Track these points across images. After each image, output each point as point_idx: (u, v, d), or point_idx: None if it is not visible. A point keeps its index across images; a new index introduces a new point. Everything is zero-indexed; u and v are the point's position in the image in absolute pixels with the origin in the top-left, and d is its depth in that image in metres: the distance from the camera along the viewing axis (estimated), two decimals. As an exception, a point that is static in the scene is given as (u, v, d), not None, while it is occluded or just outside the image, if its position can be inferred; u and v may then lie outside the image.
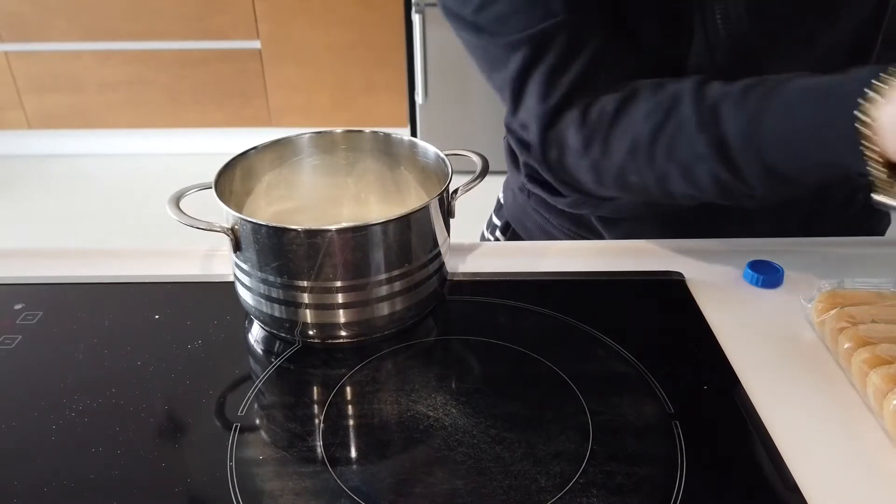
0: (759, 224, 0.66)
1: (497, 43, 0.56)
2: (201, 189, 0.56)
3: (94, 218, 2.37)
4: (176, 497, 0.40)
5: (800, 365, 0.50)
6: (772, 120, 0.46)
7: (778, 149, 0.46)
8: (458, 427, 0.45)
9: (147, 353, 0.52)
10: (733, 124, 0.48)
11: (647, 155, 0.53)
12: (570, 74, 0.55)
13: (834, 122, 0.43)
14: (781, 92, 0.47)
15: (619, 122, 0.54)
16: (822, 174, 0.47)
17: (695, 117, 0.50)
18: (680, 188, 0.53)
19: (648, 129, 0.52)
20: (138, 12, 2.46)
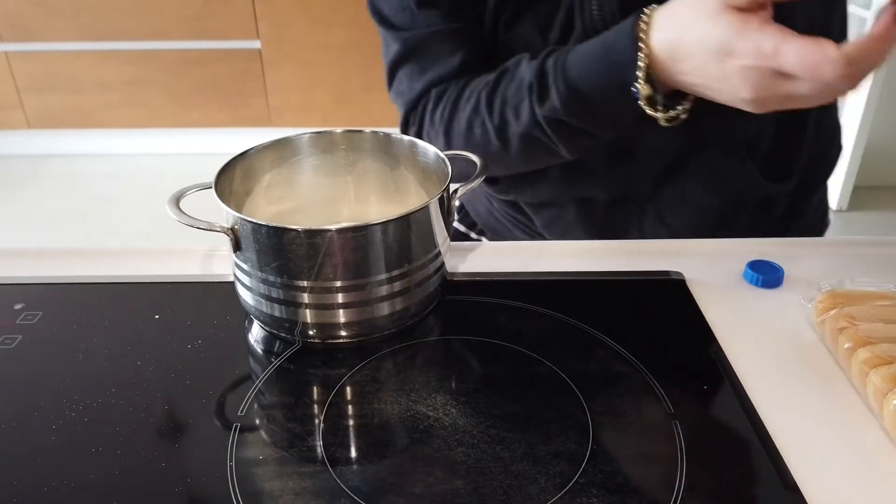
0: (671, 219, 0.69)
1: (385, 29, 0.67)
2: (201, 189, 0.56)
3: (95, 218, 2.37)
4: (176, 497, 0.40)
5: (800, 365, 0.50)
6: (576, 51, 0.57)
7: (579, 68, 0.56)
8: (458, 427, 0.45)
9: (147, 353, 0.52)
10: (553, 59, 0.59)
11: (487, 104, 0.62)
12: (431, 75, 0.66)
13: (616, 45, 0.54)
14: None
15: (467, 86, 0.65)
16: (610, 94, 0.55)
17: (528, 63, 0.60)
18: (514, 131, 0.62)
19: (492, 80, 0.63)
20: (138, 12, 2.46)
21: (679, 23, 0.51)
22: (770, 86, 0.47)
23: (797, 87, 0.46)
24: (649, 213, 0.70)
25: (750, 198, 0.69)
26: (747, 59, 0.47)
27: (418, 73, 0.67)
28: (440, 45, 0.65)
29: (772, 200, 0.70)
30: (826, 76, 0.43)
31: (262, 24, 2.48)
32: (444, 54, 0.65)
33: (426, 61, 0.66)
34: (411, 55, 0.67)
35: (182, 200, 0.52)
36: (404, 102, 0.69)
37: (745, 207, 0.70)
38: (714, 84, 0.50)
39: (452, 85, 0.66)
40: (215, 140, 2.74)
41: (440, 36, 0.65)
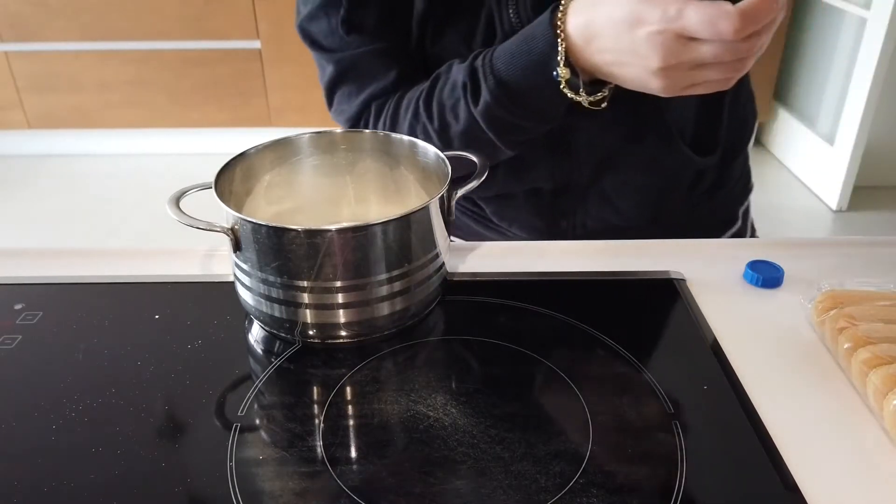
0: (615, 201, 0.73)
1: (317, 52, 0.70)
2: (201, 189, 0.56)
3: (95, 218, 2.37)
4: (176, 497, 0.40)
5: (800, 365, 0.50)
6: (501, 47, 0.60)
7: (505, 62, 0.59)
8: (458, 427, 0.45)
9: (147, 353, 0.52)
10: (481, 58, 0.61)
11: (426, 109, 0.65)
12: (369, 92, 0.69)
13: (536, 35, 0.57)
14: None
15: (404, 97, 0.68)
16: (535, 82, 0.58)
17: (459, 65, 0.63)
18: (455, 131, 0.64)
19: (427, 87, 0.66)
20: (138, 12, 2.46)
21: (591, 6, 0.54)
22: (676, 51, 0.50)
23: (701, 51, 0.49)
24: (594, 197, 0.73)
25: (684, 173, 0.73)
26: (654, 25, 0.49)
27: (356, 90, 0.70)
28: (373, 63, 0.68)
29: (702, 172, 0.75)
30: (724, 31, 0.47)
31: (262, 24, 2.48)
32: (379, 71, 0.69)
33: (363, 79, 0.69)
34: (347, 75, 0.70)
35: (182, 200, 0.52)
36: (346, 120, 0.72)
37: (680, 182, 0.74)
38: (625, 57, 0.53)
39: (391, 98, 0.69)
40: (215, 140, 2.74)
41: (372, 55, 0.68)
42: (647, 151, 0.70)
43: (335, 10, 0.66)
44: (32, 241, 2.24)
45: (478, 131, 0.63)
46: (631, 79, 0.54)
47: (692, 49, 0.49)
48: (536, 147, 0.69)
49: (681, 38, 0.49)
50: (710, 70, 0.51)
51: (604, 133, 0.69)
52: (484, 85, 0.60)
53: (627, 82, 0.55)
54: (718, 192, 0.77)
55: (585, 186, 0.72)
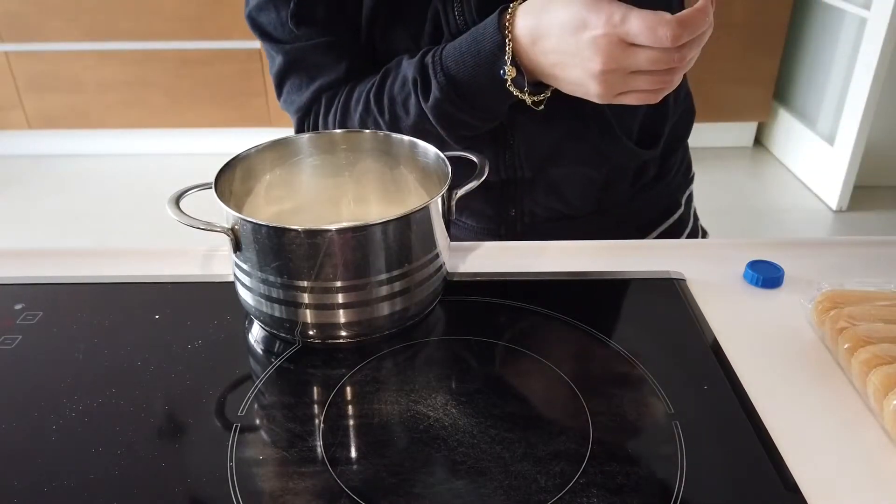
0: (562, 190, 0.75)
1: (266, 42, 0.71)
2: (201, 189, 0.56)
3: (94, 218, 2.37)
4: (176, 497, 0.40)
5: (800, 365, 0.50)
6: (451, 45, 0.62)
7: (454, 59, 0.61)
8: (458, 427, 0.45)
9: (147, 353, 0.52)
10: (431, 54, 0.63)
11: (377, 102, 0.67)
12: (319, 84, 0.70)
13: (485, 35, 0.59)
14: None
15: (355, 89, 0.69)
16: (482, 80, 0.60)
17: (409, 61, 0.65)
18: (405, 124, 0.66)
19: (377, 80, 0.67)
20: (138, 12, 2.46)
21: (539, 9, 0.56)
22: (617, 55, 0.52)
23: (639, 57, 0.52)
24: (540, 188, 0.74)
25: (628, 165, 0.76)
26: (598, 29, 0.52)
27: (307, 81, 0.71)
28: (323, 56, 0.69)
29: (646, 164, 0.77)
30: (663, 37, 0.50)
31: (262, 24, 2.48)
32: (329, 63, 0.70)
33: (312, 71, 0.70)
34: (296, 66, 0.71)
35: (182, 200, 0.52)
36: (296, 110, 0.73)
37: (625, 174, 0.76)
38: (568, 59, 0.55)
39: (341, 89, 0.70)
40: (215, 140, 2.74)
41: (322, 47, 0.69)
42: (590, 146, 0.72)
43: (284, 2, 0.67)
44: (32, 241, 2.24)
45: (427, 125, 0.65)
46: (572, 80, 0.56)
47: (631, 54, 0.52)
48: (481, 142, 0.71)
49: (622, 43, 0.52)
50: (643, 78, 0.54)
51: (544, 129, 0.70)
52: (434, 81, 0.62)
53: (568, 84, 0.57)
54: (661, 180, 0.80)
55: (530, 179, 0.73)
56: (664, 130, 0.77)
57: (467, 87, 0.61)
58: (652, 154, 0.76)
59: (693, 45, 0.53)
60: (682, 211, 0.84)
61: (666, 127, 0.77)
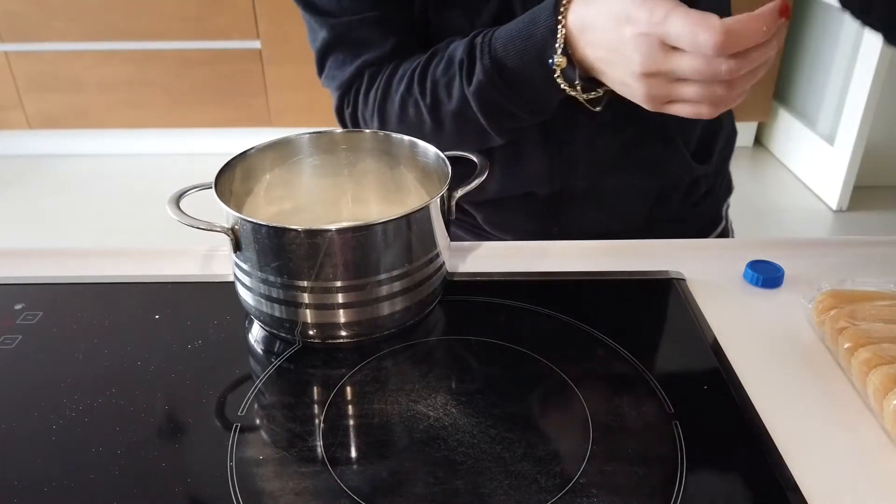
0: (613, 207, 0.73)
1: (311, 16, 0.67)
2: (201, 189, 0.56)
3: (94, 218, 2.37)
4: (176, 497, 0.40)
5: (800, 365, 0.50)
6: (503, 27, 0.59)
7: (503, 42, 0.58)
8: (458, 427, 0.45)
9: (147, 353, 0.52)
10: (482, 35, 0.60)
11: (420, 84, 0.63)
12: (363, 59, 0.66)
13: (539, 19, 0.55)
14: None
15: (399, 66, 0.66)
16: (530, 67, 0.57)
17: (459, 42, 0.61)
18: (447, 109, 0.63)
19: (423, 60, 0.64)
20: (138, 12, 2.46)
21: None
22: (656, 58, 0.48)
23: (681, 63, 0.48)
24: (590, 201, 0.72)
25: (682, 180, 0.74)
26: (640, 27, 0.48)
27: (350, 57, 0.67)
28: (370, 31, 0.66)
29: (697, 180, 0.75)
30: (703, 43, 0.45)
31: (262, 24, 2.48)
32: (376, 38, 0.66)
33: (357, 46, 0.67)
34: (341, 41, 0.67)
35: (182, 200, 0.52)
36: (338, 86, 0.70)
37: (677, 189, 0.74)
38: (611, 56, 0.52)
39: (385, 66, 0.67)
40: (215, 140, 2.74)
41: (370, 21, 0.65)
42: (650, 156, 0.70)
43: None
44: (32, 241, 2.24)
45: (469, 112, 0.62)
46: (615, 79, 0.53)
47: (672, 59, 0.48)
48: (535, 149, 0.68)
49: (663, 45, 0.48)
50: (689, 88, 0.49)
51: (606, 136, 0.68)
52: (479, 63, 0.59)
53: (613, 83, 0.54)
54: (709, 196, 0.79)
55: (583, 190, 0.71)
56: (717, 146, 0.74)
57: (514, 73, 0.58)
58: (706, 170, 0.74)
59: (746, 60, 0.46)
60: (724, 224, 0.83)
61: (719, 142, 0.74)
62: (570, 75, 0.56)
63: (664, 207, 0.74)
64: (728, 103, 0.50)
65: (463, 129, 0.63)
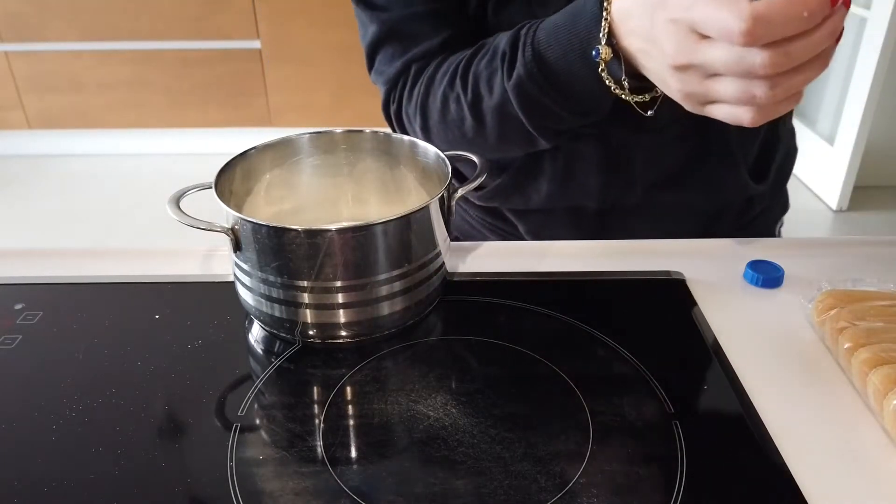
0: (664, 224, 0.70)
1: (362, 10, 0.66)
2: (201, 189, 0.56)
3: (94, 218, 2.37)
4: (176, 497, 0.40)
5: (800, 365, 0.50)
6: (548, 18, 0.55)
7: (547, 33, 0.54)
8: (458, 427, 0.45)
9: (147, 353, 0.52)
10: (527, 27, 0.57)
11: (462, 78, 0.61)
12: (412, 53, 0.64)
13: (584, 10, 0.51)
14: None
15: (445, 61, 0.63)
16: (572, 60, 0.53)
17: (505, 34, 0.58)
18: (488, 105, 0.59)
19: (469, 54, 0.61)
20: (138, 12, 2.46)
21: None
22: (687, 47, 0.44)
23: (711, 54, 0.43)
24: (641, 217, 0.70)
25: (737, 199, 0.71)
26: (670, 11, 0.44)
27: (399, 51, 0.65)
28: (421, 25, 0.64)
29: (752, 199, 0.73)
30: (731, 29, 0.40)
31: (262, 24, 2.48)
32: (426, 33, 0.64)
33: (407, 40, 0.65)
34: (391, 35, 0.65)
35: (182, 200, 0.52)
36: (385, 81, 0.68)
37: (732, 208, 0.72)
38: (648, 45, 0.48)
39: (433, 62, 0.65)
40: (215, 140, 2.74)
41: (421, 16, 0.63)
42: (708, 173, 0.67)
43: None
44: (32, 241, 2.24)
45: (509, 109, 0.58)
46: (654, 73, 0.48)
47: (703, 49, 0.43)
48: (590, 161, 0.65)
49: (693, 33, 0.43)
50: (724, 84, 0.44)
51: (665, 151, 0.65)
52: (521, 56, 0.55)
53: (652, 76, 0.49)
54: (764, 216, 0.76)
55: (635, 206, 0.68)
56: (775, 164, 0.71)
57: (556, 67, 0.54)
58: (761, 189, 0.71)
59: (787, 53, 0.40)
60: None
61: (776, 160, 0.71)
62: (616, 72, 0.51)
63: (715, 226, 0.72)
64: (772, 108, 0.44)
65: (504, 127, 0.60)
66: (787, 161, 0.76)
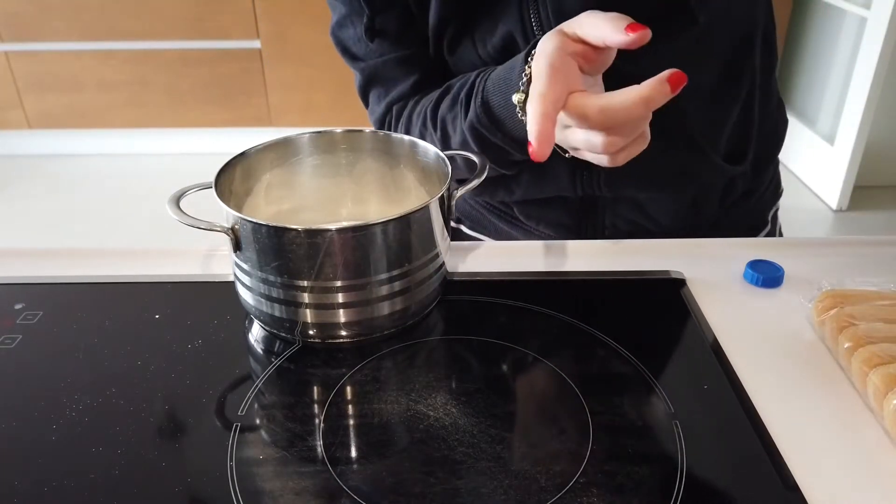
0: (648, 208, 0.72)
1: (347, 60, 0.74)
2: (201, 189, 0.56)
3: (94, 218, 2.37)
4: (176, 497, 0.40)
5: (800, 365, 0.50)
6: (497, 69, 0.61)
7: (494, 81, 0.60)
8: (458, 427, 0.45)
9: (147, 353, 0.52)
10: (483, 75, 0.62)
11: (432, 119, 0.68)
12: (391, 96, 0.73)
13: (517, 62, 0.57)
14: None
15: (419, 103, 0.71)
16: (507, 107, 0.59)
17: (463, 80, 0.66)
18: (454, 143, 0.67)
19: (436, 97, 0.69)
20: (138, 12, 2.46)
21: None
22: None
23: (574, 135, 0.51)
24: (624, 205, 0.72)
25: (716, 182, 0.73)
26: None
27: (382, 94, 0.74)
28: (394, 70, 0.71)
29: (734, 180, 0.74)
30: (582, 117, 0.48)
31: (262, 23, 2.48)
32: (399, 77, 0.71)
33: (386, 85, 0.73)
34: (373, 81, 0.73)
35: (182, 200, 0.52)
36: (374, 121, 0.76)
37: (712, 190, 0.74)
38: None
39: (409, 102, 0.72)
40: (215, 140, 2.74)
41: (392, 62, 0.71)
42: (677, 167, 0.69)
43: (359, 17, 0.68)
44: (32, 241, 2.25)
45: (470, 146, 0.64)
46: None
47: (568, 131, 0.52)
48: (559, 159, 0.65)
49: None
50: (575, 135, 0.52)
51: None
52: (473, 102, 0.62)
53: None
54: (750, 197, 0.77)
55: (611, 198, 0.71)
56: (752, 145, 0.73)
57: (498, 112, 0.60)
58: (741, 170, 0.73)
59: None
60: (769, 228, 0.82)
61: (753, 140, 0.73)
62: None
63: (700, 212, 0.74)
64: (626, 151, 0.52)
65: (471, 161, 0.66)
66: (772, 137, 0.78)
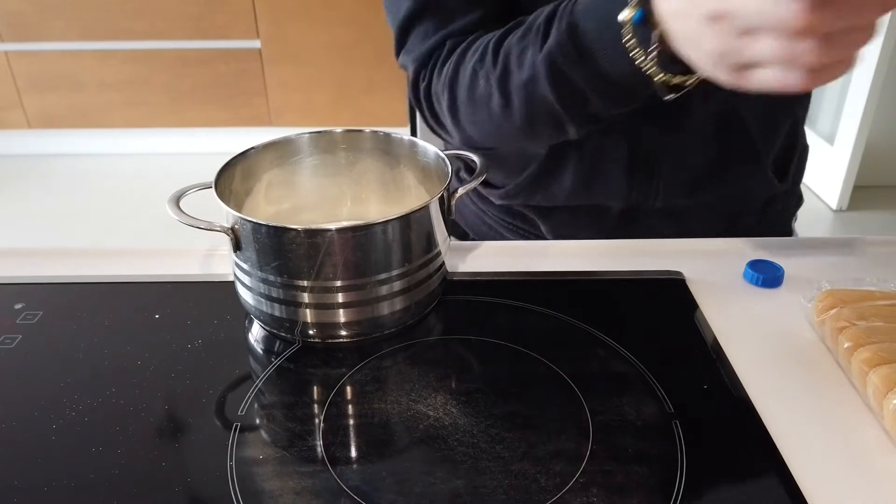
0: (687, 225, 0.70)
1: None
2: (201, 189, 0.56)
3: (94, 218, 2.37)
4: (176, 497, 0.40)
5: (800, 365, 0.50)
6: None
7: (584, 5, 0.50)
8: (458, 427, 0.45)
9: (147, 353, 0.52)
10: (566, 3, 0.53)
11: (493, 52, 0.58)
12: (448, 29, 0.62)
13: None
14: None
15: (476, 41, 0.61)
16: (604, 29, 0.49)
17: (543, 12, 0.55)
18: (516, 81, 0.56)
19: (501, 32, 0.58)
20: (138, 12, 2.46)
21: None
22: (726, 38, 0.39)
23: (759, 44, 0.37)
24: (664, 218, 0.70)
25: (760, 197, 0.72)
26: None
27: (433, 28, 0.63)
28: (458, 1, 0.62)
29: (774, 198, 0.73)
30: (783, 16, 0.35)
31: (262, 23, 2.48)
32: (462, 9, 0.61)
33: (443, 15, 0.62)
34: (426, 11, 0.62)
35: (182, 200, 0.52)
36: (414, 59, 0.64)
37: (753, 207, 0.72)
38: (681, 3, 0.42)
39: (468, 38, 0.62)
40: (215, 140, 2.74)
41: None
42: (734, 174, 0.67)
43: None
44: (32, 240, 2.24)
45: (539, 87, 0.54)
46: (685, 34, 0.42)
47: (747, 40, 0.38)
48: (616, 160, 0.65)
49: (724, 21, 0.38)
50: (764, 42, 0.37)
51: (692, 155, 0.65)
52: (555, 27, 0.52)
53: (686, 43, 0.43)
54: (780, 215, 0.77)
55: (659, 208, 0.68)
56: (793, 162, 0.72)
57: (587, 38, 0.50)
58: (784, 187, 0.72)
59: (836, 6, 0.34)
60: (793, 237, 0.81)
61: (795, 158, 0.72)
62: (643, 33, 0.46)
63: (737, 224, 0.72)
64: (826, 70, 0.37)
65: (532, 108, 0.56)
66: (802, 158, 0.76)
